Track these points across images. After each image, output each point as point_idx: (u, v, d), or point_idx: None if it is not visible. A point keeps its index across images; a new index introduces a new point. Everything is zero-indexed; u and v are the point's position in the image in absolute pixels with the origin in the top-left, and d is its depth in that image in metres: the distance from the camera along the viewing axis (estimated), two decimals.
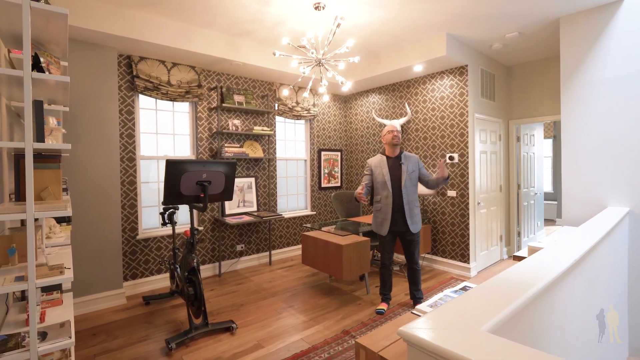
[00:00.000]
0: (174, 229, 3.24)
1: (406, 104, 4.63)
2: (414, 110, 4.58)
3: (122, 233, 3.50)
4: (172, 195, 2.41)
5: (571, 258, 1.37)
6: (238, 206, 4.36)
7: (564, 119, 3.17)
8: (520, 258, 2.05)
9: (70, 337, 1.46)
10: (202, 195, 2.53)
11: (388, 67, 4.27)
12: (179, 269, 2.90)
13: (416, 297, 3.12)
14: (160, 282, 3.75)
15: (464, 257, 4.10)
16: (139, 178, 3.65)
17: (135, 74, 3.53)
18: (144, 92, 3.60)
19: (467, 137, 4.01)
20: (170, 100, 3.79)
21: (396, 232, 3.04)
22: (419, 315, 1.30)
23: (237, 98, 4.27)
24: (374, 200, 3.11)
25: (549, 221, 7.69)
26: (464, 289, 1.55)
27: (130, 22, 3.08)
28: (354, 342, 2.53)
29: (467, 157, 4.03)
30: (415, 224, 2.98)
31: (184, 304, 3.26)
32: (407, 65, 4.05)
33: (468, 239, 4.05)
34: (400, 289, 3.65)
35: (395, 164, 3.01)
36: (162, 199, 3.82)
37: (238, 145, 4.27)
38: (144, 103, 3.77)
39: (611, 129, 2.91)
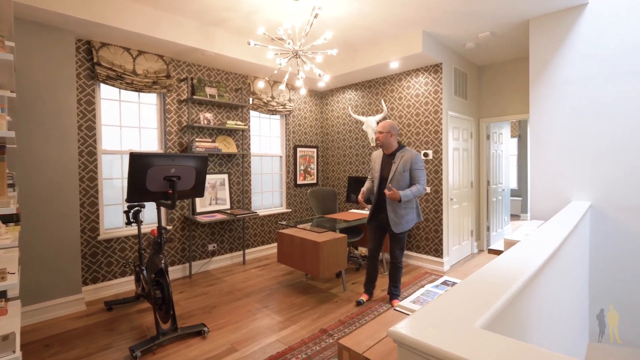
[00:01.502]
0: (139, 229, 3.03)
1: (382, 100, 4.63)
2: (390, 107, 4.60)
3: (82, 233, 3.23)
4: (137, 192, 2.23)
5: (549, 249, 1.38)
6: (210, 204, 4.17)
7: (532, 117, 3.28)
8: (496, 251, 2.08)
9: (14, 352, 1.28)
10: (170, 191, 2.37)
11: (365, 63, 4.25)
12: (145, 271, 2.71)
13: (393, 293, 3.11)
14: (125, 285, 3.51)
15: (438, 252, 4.17)
16: (100, 174, 3.38)
17: (96, 61, 3.26)
18: (106, 81, 3.34)
19: (441, 134, 4.07)
20: (136, 90, 3.54)
21: (381, 226, 3.04)
22: (403, 312, 1.25)
23: (209, 90, 4.08)
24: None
25: (514, 216, 8.06)
26: (445, 283, 1.53)
27: (90, 4, 2.82)
28: (331, 341, 2.47)
29: (441, 154, 4.09)
30: (398, 225, 2.87)
31: (151, 308, 3.06)
32: (384, 61, 4.04)
33: (442, 234, 4.12)
34: (377, 284, 3.63)
35: (388, 161, 2.96)
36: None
37: (210, 140, 4.08)
38: (107, 93, 3.50)
39: (574, 127, 3.04)
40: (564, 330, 1.81)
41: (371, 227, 3.10)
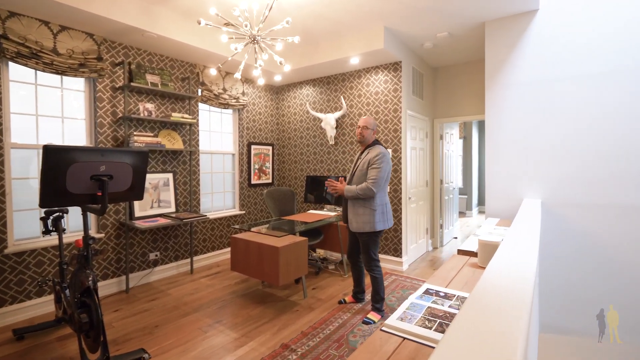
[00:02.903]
0: (60, 238, 2.51)
1: (342, 97, 4.51)
2: (349, 104, 4.48)
3: None
4: (54, 194, 1.80)
5: (533, 255, 1.31)
6: (151, 207, 3.69)
7: (487, 119, 3.37)
8: (466, 252, 2.02)
9: None
10: (99, 193, 1.95)
11: (326, 57, 4.07)
12: (67, 290, 2.23)
13: (357, 296, 2.98)
14: (42, 307, 2.92)
15: (397, 251, 4.15)
16: (7, 173, 2.77)
17: (2, 34, 2.66)
18: (17, 59, 2.74)
19: (401, 133, 4.05)
20: (57, 73, 2.97)
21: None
22: (391, 334, 1.08)
23: (151, 78, 3.59)
24: None
25: (460, 214, 8.52)
26: (427, 292, 1.40)
27: None
28: (295, 357, 2.24)
29: (401, 153, 4.07)
30: (353, 222, 2.74)
31: (75, 334, 2.56)
32: (345, 56, 3.90)
33: (401, 233, 4.10)
34: (337, 289, 3.48)
35: (359, 157, 2.85)
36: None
37: (152, 135, 3.60)
38: (18, 75, 2.89)
39: (527, 127, 3.16)
40: (533, 330, 1.79)
41: (348, 228, 2.91)
